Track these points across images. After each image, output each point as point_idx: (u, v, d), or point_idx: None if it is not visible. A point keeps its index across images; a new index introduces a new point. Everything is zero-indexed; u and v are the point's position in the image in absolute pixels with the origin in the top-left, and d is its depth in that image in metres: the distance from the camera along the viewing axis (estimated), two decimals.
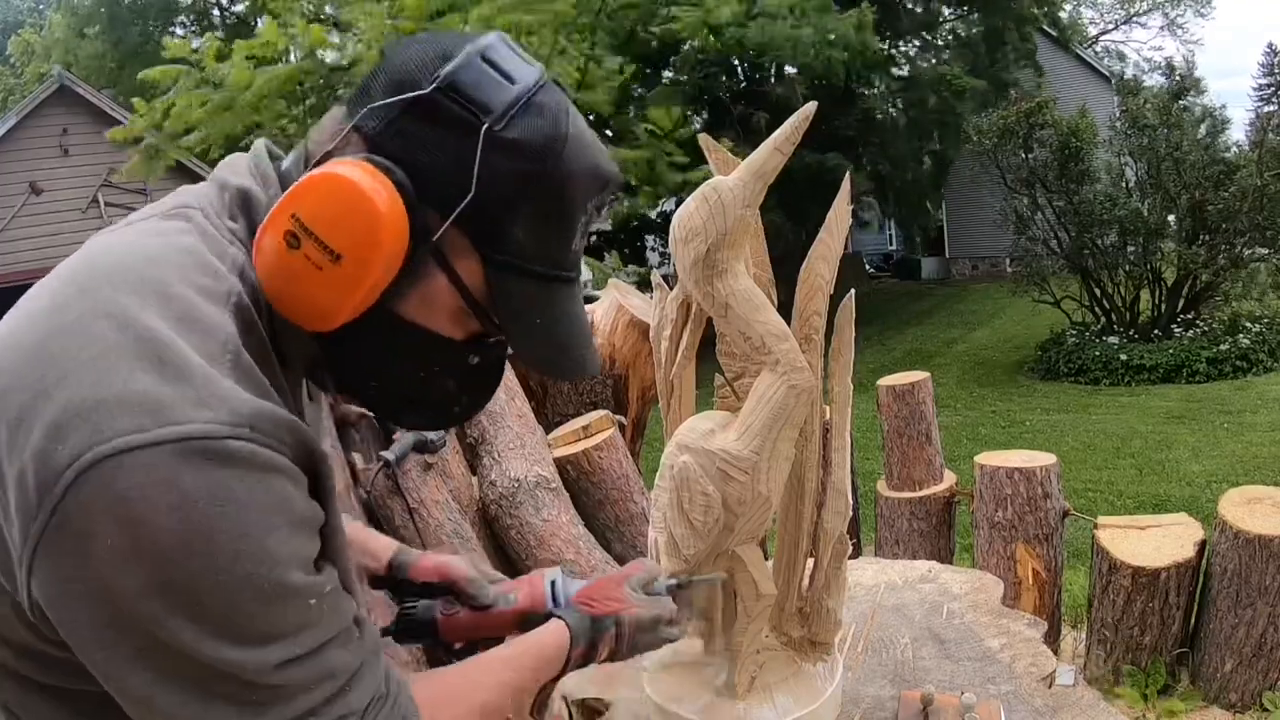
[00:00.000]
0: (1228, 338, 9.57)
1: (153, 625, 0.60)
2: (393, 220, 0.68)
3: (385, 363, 0.78)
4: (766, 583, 1.15)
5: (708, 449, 1.09)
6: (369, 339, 0.75)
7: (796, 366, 1.06)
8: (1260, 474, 5.78)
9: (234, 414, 0.62)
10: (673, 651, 1.28)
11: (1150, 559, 2.75)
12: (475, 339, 0.79)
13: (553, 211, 0.74)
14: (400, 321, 0.74)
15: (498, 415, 2.48)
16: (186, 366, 0.62)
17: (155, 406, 0.60)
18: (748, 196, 1.03)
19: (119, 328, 0.62)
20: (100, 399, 0.59)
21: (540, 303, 0.77)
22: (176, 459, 0.59)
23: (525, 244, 0.74)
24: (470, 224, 0.72)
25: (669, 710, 1.19)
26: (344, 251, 0.68)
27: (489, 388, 0.85)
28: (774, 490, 1.09)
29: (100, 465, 0.58)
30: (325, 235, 0.68)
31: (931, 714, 1.20)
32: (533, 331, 0.77)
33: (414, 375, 0.79)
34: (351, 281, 0.69)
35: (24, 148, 10.25)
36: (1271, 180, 8.97)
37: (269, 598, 0.63)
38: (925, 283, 19.94)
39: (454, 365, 0.79)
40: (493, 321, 0.76)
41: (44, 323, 0.64)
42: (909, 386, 3.42)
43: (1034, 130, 10.70)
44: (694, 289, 1.09)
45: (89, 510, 0.58)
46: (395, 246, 0.69)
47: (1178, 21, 27.73)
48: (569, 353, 0.80)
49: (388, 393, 0.81)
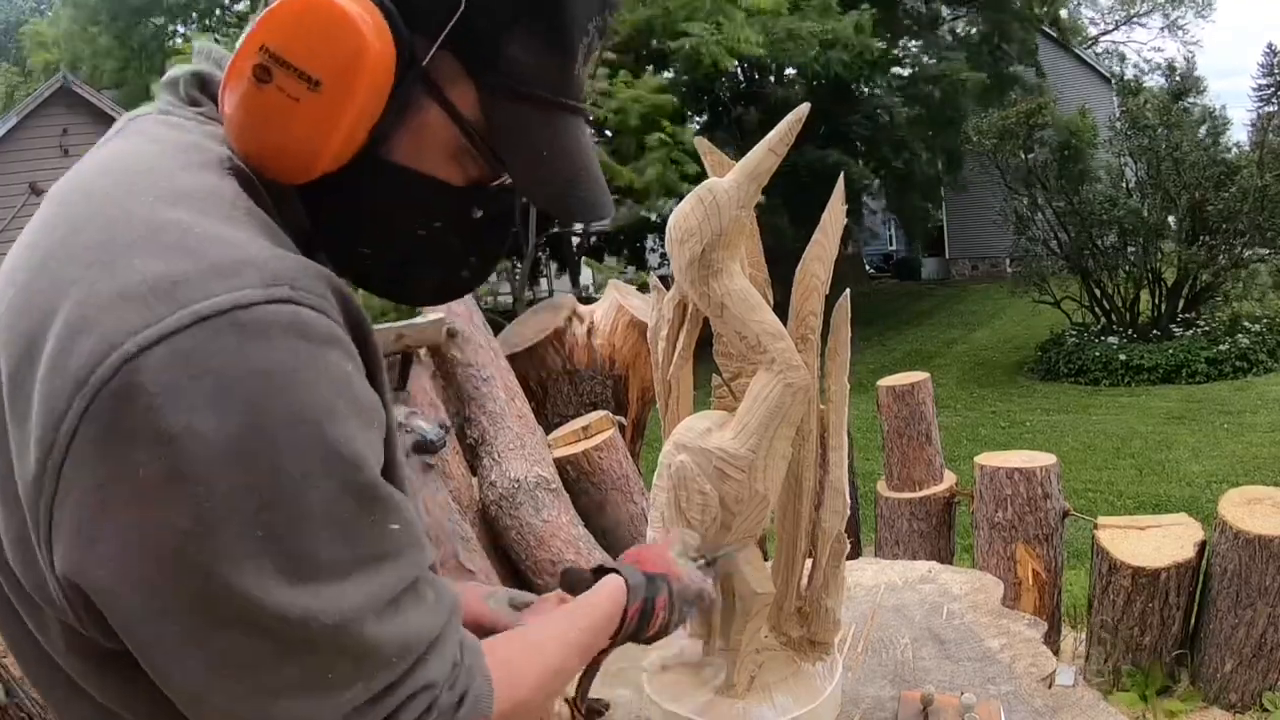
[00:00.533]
0: (1227, 338, 9.57)
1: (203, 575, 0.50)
2: (376, 38, 0.60)
3: (379, 220, 0.69)
4: (764, 581, 1.16)
5: (704, 448, 1.09)
6: (359, 192, 0.67)
7: (792, 365, 1.06)
8: (1260, 474, 5.78)
9: (266, 273, 0.53)
10: (673, 651, 1.29)
11: (1150, 559, 2.75)
12: (477, 186, 0.71)
13: (550, 29, 0.66)
14: (391, 167, 0.66)
15: (498, 415, 2.48)
16: (194, 235, 0.54)
17: (168, 289, 0.51)
18: (742, 197, 1.04)
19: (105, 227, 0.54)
20: (101, 302, 0.51)
21: (543, 132, 0.69)
22: (206, 342, 0.49)
23: (523, 65, 0.66)
24: (461, 45, 0.64)
25: (669, 710, 1.19)
26: (322, 77, 0.60)
27: (498, 246, 0.76)
28: (771, 489, 1.10)
29: (114, 377, 0.49)
30: (300, 61, 0.60)
31: (931, 714, 1.20)
32: (537, 164, 0.69)
33: (412, 232, 0.70)
34: (334, 110, 0.61)
35: (24, 148, 10.25)
36: (1272, 181, 8.97)
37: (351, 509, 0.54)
38: (925, 283, 19.95)
39: (456, 218, 0.71)
40: (493, 155, 0.68)
41: (32, 256, 0.57)
42: (909, 387, 3.42)
43: (1034, 131, 10.71)
44: (690, 289, 1.09)
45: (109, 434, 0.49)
46: (380, 69, 0.61)
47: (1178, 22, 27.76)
48: (578, 190, 0.71)
49: (384, 258, 0.71)
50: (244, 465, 0.50)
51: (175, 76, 0.70)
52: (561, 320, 2.95)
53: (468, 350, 2.55)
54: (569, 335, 2.96)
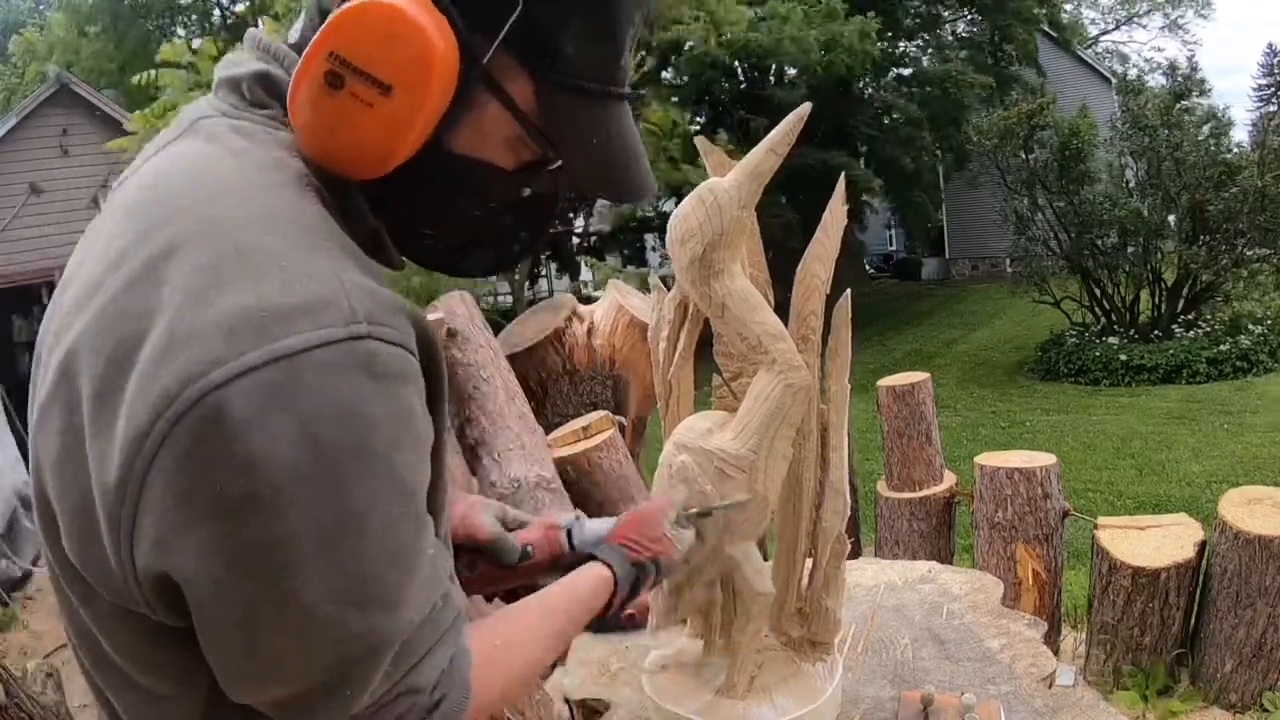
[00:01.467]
0: (1228, 338, 9.57)
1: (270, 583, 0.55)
2: (441, 42, 0.64)
3: (442, 206, 0.74)
4: (765, 582, 1.16)
5: (705, 448, 1.10)
6: (421, 181, 0.70)
7: (793, 366, 1.06)
8: (1260, 474, 5.78)
9: (346, 311, 0.57)
10: (673, 651, 1.29)
11: (1150, 559, 2.75)
12: (529, 167, 0.75)
13: (602, 23, 0.71)
14: (453, 157, 0.70)
15: (497, 416, 2.48)
16: (282, 268, 0.57)
17: (258, 323, 0.54)
18: (743, 197, 1.04)
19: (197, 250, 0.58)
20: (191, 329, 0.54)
21: (595, 121, 0.73)
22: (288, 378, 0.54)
23: (576, 60, 0.70)
24: (518, 43, 0.68)
25: (669, 710, 1.19)
26: (394, 82, 0.63)
27: (545, 221, 0.80)
28: (771, 489, 1.10)
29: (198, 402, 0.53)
30: (371, 68, 0.63)
31: (931, 714, 1.20)
32: (589, 152, 0.74)
33: (470, 214, 0.75)
34: (407, 113, 0.64)
35: (24, 148, 10.23)
36: (1273, 181, 8.97)
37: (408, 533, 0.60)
38: (925, 283, 19.94)
39: (510, 198, 0.75)
40: (550, 144, 0.72)
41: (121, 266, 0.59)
42: (909, 387, 3.42)
43: (1034, 131, 10.71)
44: (691, 289, 1.10)
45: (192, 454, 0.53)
46: (446, 72, 0.65)
47: (1178, 22, 27.75)
48: (627, 173, 0.77)
49: (445, 240, 0.77)
50: (315, 492, 0.55)
51: (238, 76, 0.72)
52: (561, 320, 2.95)
53: (468, 350, 2.55)
54: (569, 335, 2.96)
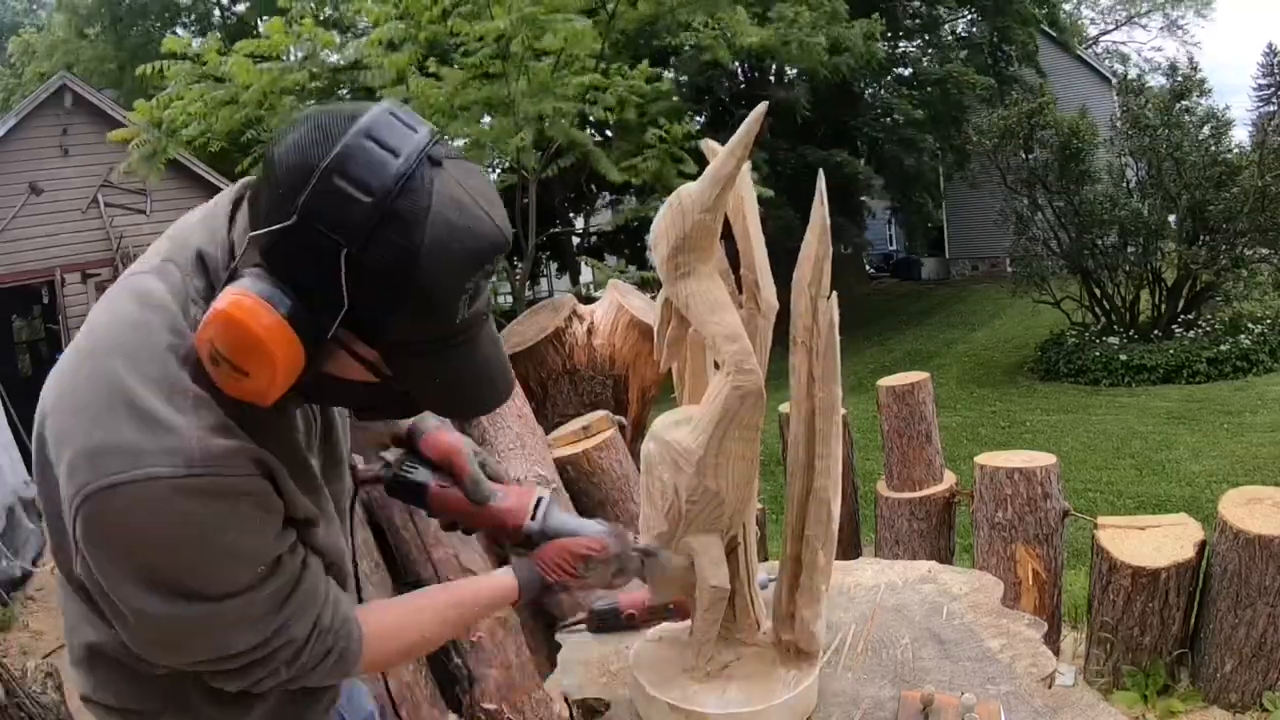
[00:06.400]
0: (1228, 338, 9.57)
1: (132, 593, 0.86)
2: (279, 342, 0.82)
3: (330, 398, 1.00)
4: (718, 575, 1.17)
5: (665, 439, 1.16)
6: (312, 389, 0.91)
7: (743, 369, 1.07)
8: (1260, 474, 5.79)
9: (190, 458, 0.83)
10: (659, 632, 1.35)
11: (1150, 559, 2.74)
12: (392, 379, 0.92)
13: (428, 301, 0.84)
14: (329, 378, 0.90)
15: (497, 415, 2.48)
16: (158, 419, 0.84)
17: (135, 453, 0.83)
18: (705, 202, 1.07)
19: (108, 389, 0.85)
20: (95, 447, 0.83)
21: (437, 365, 0.89)
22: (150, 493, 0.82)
23: (411, 327, 0.85)
24: (354, 326, 0.85)
25: (636, 679, 1.24)
26: (249, 370, 0.83)
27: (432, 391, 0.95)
28: (725, 487, 1.12)
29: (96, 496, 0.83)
30: (233, 358, 0.83)
31: (931, 714, 1.20)
32: (434, 388, 0.91)
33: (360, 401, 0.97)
34: (263, 386, 0.85)
35: (24, 148, 10.21)
36: (1273, 181, 8.97)
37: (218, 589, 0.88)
38: (925, 283, 19.95)
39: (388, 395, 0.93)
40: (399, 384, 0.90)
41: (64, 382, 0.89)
42: (909, 387, 3.42)
43: (1034, 131, 10.71)
44: (666, 288, 1.14)
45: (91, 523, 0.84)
46: (289, 357, 0.84)
47: (1178, 22, 27.75)
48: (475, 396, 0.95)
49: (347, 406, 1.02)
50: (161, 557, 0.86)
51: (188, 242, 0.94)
52: (561, 320, 2.95)
53: None
54: (569, 335, 2.96)
